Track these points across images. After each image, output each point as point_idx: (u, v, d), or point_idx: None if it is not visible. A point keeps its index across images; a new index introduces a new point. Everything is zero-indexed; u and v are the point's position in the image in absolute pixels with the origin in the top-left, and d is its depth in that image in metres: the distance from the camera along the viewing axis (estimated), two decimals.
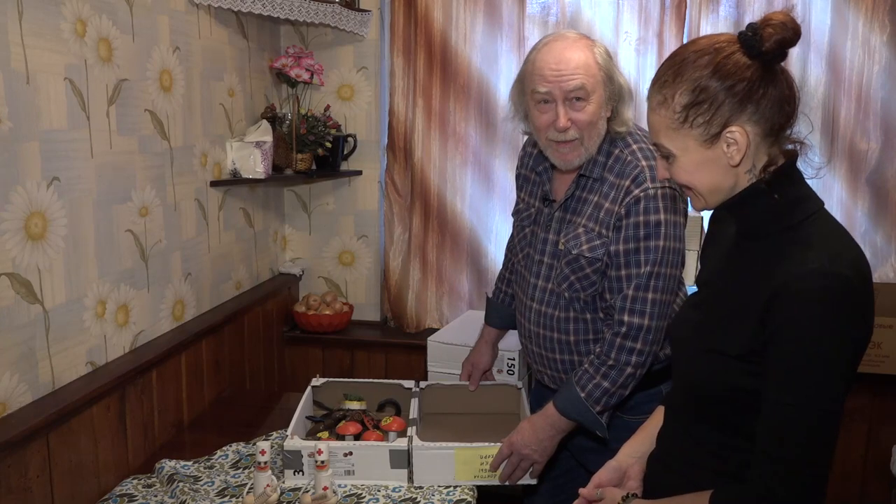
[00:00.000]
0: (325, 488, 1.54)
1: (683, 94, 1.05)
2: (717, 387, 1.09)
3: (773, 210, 1.07)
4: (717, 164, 1.06)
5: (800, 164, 1.10)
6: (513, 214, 1.89)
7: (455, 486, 1.66)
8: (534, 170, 1.78)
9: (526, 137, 1.85)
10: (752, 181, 1.07)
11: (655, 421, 1.33)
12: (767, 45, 1.00)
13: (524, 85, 1.62)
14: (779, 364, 1.01)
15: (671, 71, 1.07)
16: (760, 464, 1.02)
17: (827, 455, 1.01)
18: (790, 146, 1.08)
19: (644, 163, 1.57)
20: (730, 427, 1.10)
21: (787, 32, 1.00)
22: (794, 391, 0.99)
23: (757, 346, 1.03)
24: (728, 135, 1.04)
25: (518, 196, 1.87)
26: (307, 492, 1.55)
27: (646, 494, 1.26)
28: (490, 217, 2.78)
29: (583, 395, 1.58)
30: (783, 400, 1.00)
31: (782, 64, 1.05)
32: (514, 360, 2.14)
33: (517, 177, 1.88)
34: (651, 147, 1.51)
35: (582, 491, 1.28)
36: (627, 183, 1.57)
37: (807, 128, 1.09)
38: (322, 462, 1.55)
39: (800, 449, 1.00)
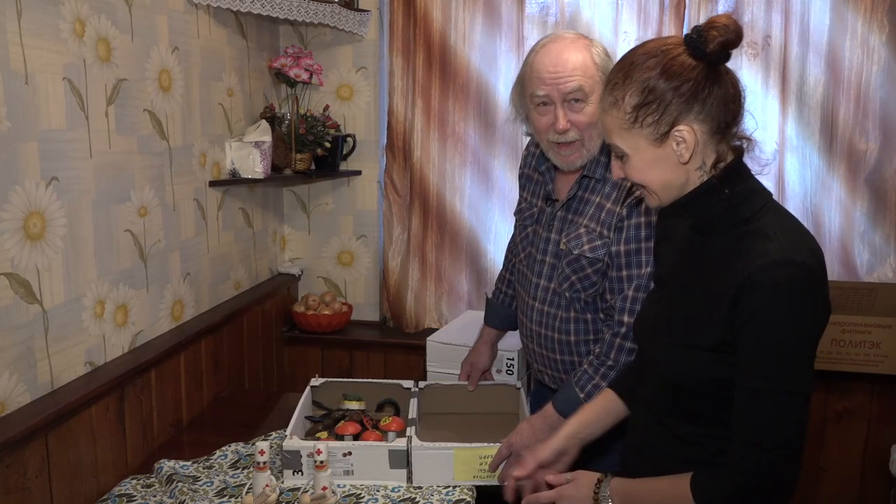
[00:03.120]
0: (325, 488, 1.54)
1: (633, 95, 1.09)
2: (692, 380, 1.13)
3: (726, 205, 1.11)
4: (668, 161, 1.11)
5: (748, 161, 1.14)
6: (515, 214, 1.89)
7: (454, 487, 1.66)
8: (536, 169, 1.78)
9: (528, 138, 1.85)
10: (702, 178, 1.12)
11: (598, 402, 1.41)
12: (711, 46, 1.05)
13: (523, 88, 1.63)
14: (750, 352, 1.05)
15: (621, 73, 1.12)
16: (737, 449, 1.07)
17: (801, 436, 1.06)
18: (738, 143, 1.13)
19: None
20: (704, 417, 1.14)
21: (730, 34, 1.05)
22: (766, 377, 1.04)
23: (728, 336, 1.07)
24: (676, 133, 1.08)
25: (520, 195, 1.87)
26: (306, 492, 1.55)
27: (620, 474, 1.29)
28: (489, 217, 2.78)
29: (582, 395, 1.58)
30: (756, 386, 1.05)
31: (727, 64, 1.10)
32: (513, 360, 2.14)
33: (520, 176, 1.88)
34: None
35: (550, 479, 1.32)
36: (629, 183, 1.57)
37: (752, 125, 1.14)
38: (321, 462, 1.55)
39: (775, 433, 1.04)
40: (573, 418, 1.42)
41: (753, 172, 1.14)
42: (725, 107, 1.08)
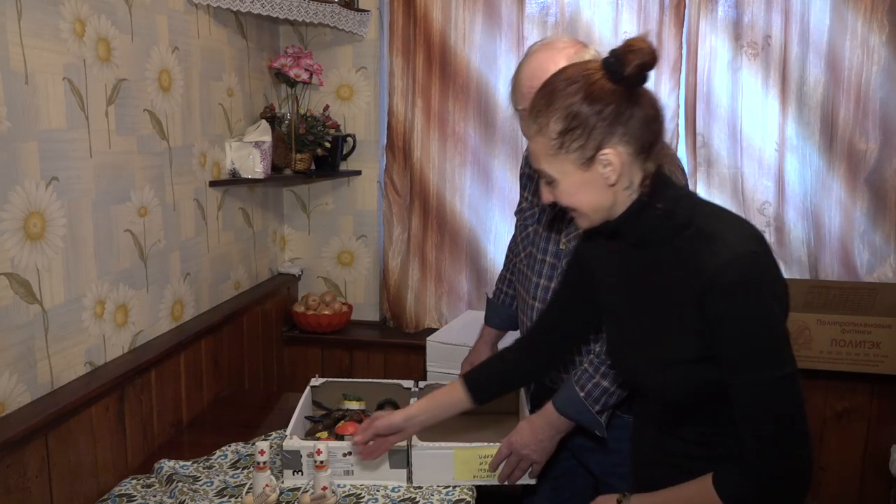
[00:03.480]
0: (325, 488, 1.54)
1: (557, 122, 1.10)
2: (689, 391, 1.15)
3: (661, 215, 1.13)
4: (596, 184, 1.12)
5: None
6: (516, 213, 1.89)
7: (454, 486, 1.66)
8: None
9: None
10: (632, 196, 1.13)
11: (445, 392, 1.54)
12: (629, 69, 1.06)
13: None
14: (730, 352, 1.08)
15: (544, 100, 1.13)
16: (748, 442, 1.09)
17: (802, 413, 1.08)
18: (661, 157, 1.14)
19: None
20: (710, 418, 1.16)
21: (647, 57, 1.06)
22: (752, 371, 1.06)
23: (705, 342, 1.10)
24: (602, 157, 1.09)
25: (521, 195, 1.88)
26: (306, 492, 1.55)
27: (636, 490, 1.29)
28: (489, 217, 2.78)
29: (582, 394, 1.58)
30: (746, 382, 1.07)
31: (645, 86, 1.11)
32: None
33: (521, 176, 1.89)
34: None
35: None
36: None
37: (671, 139, 1.16)
38: (321, 462, 1.55)
39: (778, 419, 1.07)
40: (418, 402, 1.56)
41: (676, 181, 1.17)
42: (647, 127, 1.09)
